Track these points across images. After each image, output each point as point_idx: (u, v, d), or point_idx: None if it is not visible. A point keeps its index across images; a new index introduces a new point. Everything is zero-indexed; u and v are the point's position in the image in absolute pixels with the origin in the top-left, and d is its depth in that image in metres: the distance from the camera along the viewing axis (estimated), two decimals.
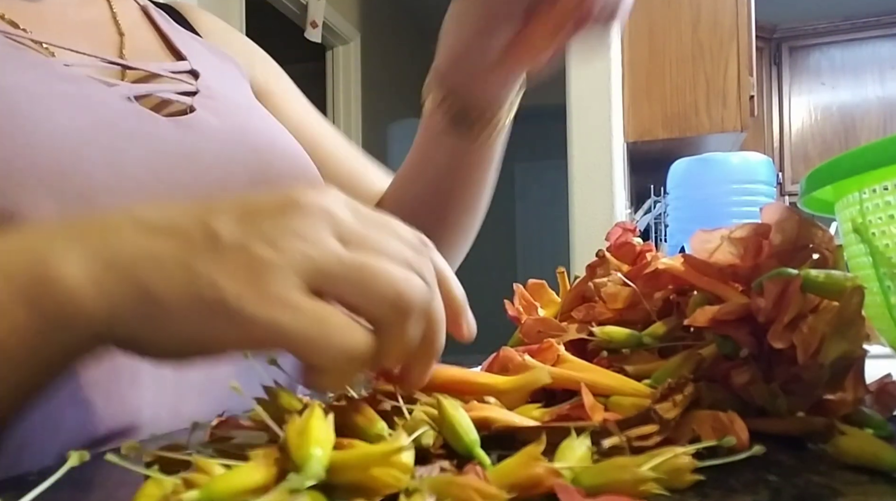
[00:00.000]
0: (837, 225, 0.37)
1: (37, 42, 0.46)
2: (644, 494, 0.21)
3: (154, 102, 0.49)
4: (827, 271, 0.29)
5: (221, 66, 0.59)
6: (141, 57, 0.52)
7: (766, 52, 4.19)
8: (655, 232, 2.52)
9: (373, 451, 0.20)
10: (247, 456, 0.20)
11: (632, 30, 2.53)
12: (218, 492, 0.18)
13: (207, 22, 0.66)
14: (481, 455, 0.23)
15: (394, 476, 0.19)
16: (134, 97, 0.47)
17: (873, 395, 0.31)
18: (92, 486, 0.26)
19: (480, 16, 0.46)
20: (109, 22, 0.54)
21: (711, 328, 0.31)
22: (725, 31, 2.47)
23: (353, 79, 3.74)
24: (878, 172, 0.31)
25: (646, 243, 0.42)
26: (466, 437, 0.23)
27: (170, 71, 0.52)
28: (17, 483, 0.27)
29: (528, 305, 0.44)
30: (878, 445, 0.24)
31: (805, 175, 0.36)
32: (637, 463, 0.21)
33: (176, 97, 0.50)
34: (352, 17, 3.76)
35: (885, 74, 4.12)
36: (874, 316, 0.34)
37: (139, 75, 0.50)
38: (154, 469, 0.22)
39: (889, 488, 0.23)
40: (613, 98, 2.41)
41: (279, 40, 3.23)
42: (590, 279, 0.41)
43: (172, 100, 0.50)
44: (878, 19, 4.12)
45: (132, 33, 0.54)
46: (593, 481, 0.21)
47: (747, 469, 0.25)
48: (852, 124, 4.14)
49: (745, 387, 0.30)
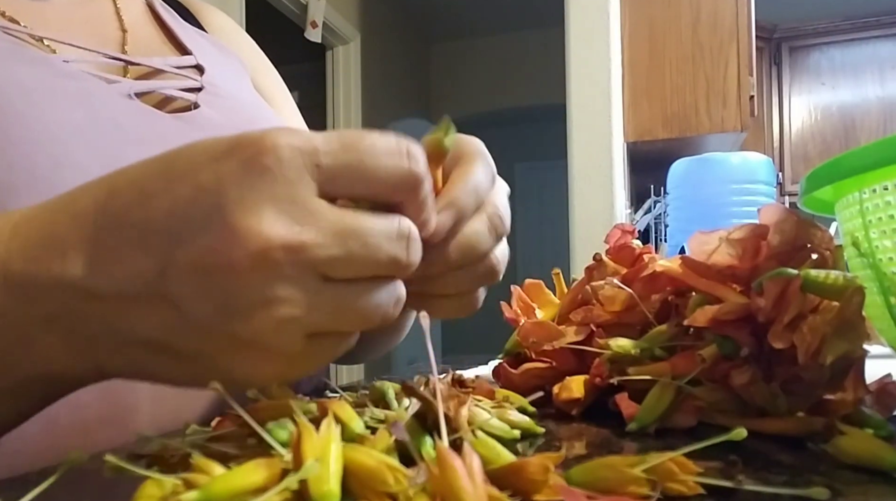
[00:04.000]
0: (837, 225, 0.37)
1: (37, 38, 0.46)
2: (636, 494, 0.21)
3: (157, 98, 0.49)
4: (827, 270, 0.28)
5: (226, 62, 0.59)
6: (144, 53, 0.52)
7: (766, 52, 4.19)
8: (655, 232, 2.52)
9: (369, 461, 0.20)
10: (245, 457, 0.20)
11: (632, 30, 2.53)
12: (218, 492, 0.18)
13: (215, 18, 0.65)
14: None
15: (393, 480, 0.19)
16: (135, 94, 0.46)
17: (873, 395, 0.31)
18: (91, 486, 0.26)
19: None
20: (112, 18, 0.53)
21: (711, 328, 0.31)
22: (725, 31, 2.47)
23: (353, 79, 3.74)
24: (878, 172, 0.31)
25: (645, 244, 0.42)
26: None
27: (174, 66, 0.52)
28: (17, 483, 0.27)
29: (525, 306, 0.44)
30: (878, 445, 0.24)
31: (805, 175, 0.36)
32: (629, 463, 0.21)
33: (179, 94, 0.50)
34: (352, 17, 3.76)
35: (885, 74, 4.12)
36: (874, 316, 0.34)
37: (142, 71, 0.50)
38: (154, 469, 0.22)
39: (889, 488, 0.23)
40: (613, 98, 2.41)
41: (279, 40, 3.23)
42: (587, 283, 0.41)
43: (176, 96, 0.49)
44: (878, 19, 4.12)
45: (136, 29, 0.54)
46: (582, 479, 0.21)
47: (747, 469, 0.25)
48: (852, 124, 4.14)
49: (745, 387, 0.30)
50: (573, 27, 2.43)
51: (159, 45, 0.55)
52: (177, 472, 0.20)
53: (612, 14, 2.42)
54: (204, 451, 0.23)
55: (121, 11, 0.54)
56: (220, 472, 0.19)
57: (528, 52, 5.00)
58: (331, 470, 0.19)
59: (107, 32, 0.52)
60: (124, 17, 0.54)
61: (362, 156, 0.23)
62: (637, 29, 2.53)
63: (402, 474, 0.19)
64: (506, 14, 4.72)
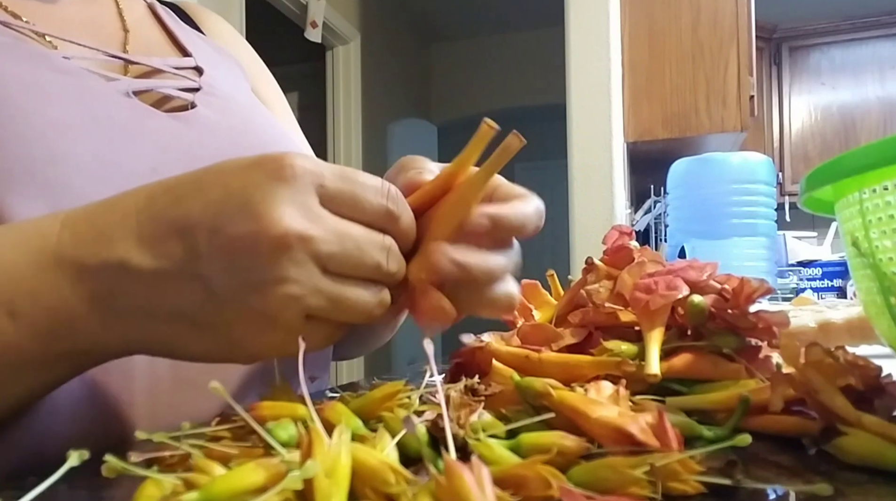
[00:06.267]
0: (837, 225, 0.37)
1: (39, 34, 0.46)
2: (636, 495, 0.21)
3: (155, 97, 0.49)
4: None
5: (225, 64, 0.59)
6: (145, 53, 0.52)
7: (766, 52, 4.19)
8: (655, 232, 2.52)
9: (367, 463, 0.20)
10: (245, 457, 0.20)
11: (632, 30, 2.53)
12: (218, 492, 0.18)
13: (213, 23, 0.66)
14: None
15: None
16: (134, 92, 0.46)
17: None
18: (91, 486, 0.26)
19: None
20: (115, 18, 0.54)
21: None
22: (725, 31, 2.47)
23: (353, 79, 3.74)
24: (878, 172, 0.31)
25: (645, 244, 0.42)
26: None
27: (174, 67, 0.52)
28: (16, 483, 0.27)
29: (522, 307, 0.44)
30: (881, 444, 0.24)
31: (805, 175, 0.36)
32: (630, 464, 0.21)
33: (177, 93, 0.50)
34: (352, 17, 3.76)
35: (885, 74, 4.12)
36: (874, 316, 0.34)
37: (142, 71, 0.50)
38: (154, 469, 0.22)
39: (889, 488, 0.23)
40: (613, 98, 2.41)
41: (279, 40, 3.24)
42: (583, 286, 0.41)
43: (174, 96, 0.50)
44: (878, 19, 4.12)
45: (137, 30, 0.54)
46: (583, 479, 0.21)
47: (747, 468, 0.25)
48: (852, 124, 4.14)
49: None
50: (573, 27, 2.43)
51: (160, 46, 0.55)
52: (177, 472, 0.20)
53: (612, 14, 2.42)
54: (204, 451, 0.23)
55: (123, 12, 0.54)
56: (220, 472, 0.19)
57: (528, 52, 5.00)
58: (341, 487, 0.19)
59: (109, 32, 0.52)
60: (127, 17, 0.54)
61: (355, 188, 0.28)
62: (637, 29, 2.53)
63: (403, 474, 0.19)
64: (506, 14, 4.71)
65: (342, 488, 0.19)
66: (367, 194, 0.28)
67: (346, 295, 0.28)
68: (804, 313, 0.58)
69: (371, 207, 0.29)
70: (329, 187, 0.28)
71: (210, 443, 0.25)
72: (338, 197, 0.28)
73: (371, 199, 0.29)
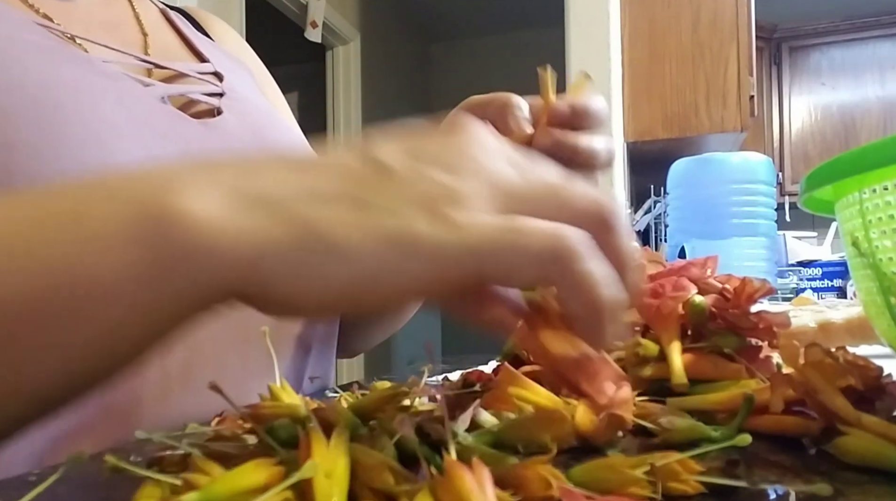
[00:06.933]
0: (837, 225, 0.37)
1: (70, 37, 0.46)
2: (636, 495, 0.21)
3: (182, 101, 0.49)
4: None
5: (238, 69, 0.60)
6: (165, 57, 0.52)
7: (766, 52, 4.19)
8: (655, 232, 2.52)
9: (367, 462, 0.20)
10: (245, 457, 0.20)
11: (632, 30, 2.53)
12: (218, 493, 0.18)
13: (220, 29, 0.66)
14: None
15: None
16: (167, 97, 0.47)
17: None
18: (91, 486, 0.26)
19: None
20: (133, 21, 0.54)
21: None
22: (725, 31, 2.47)
23: (353, 79, 3.74)
24: (878, 172, 0.31)
25: (645, 244, 0.42)
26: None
27: (196, 72, 0.52)
28: (16, 483, 0.27)
29: None
30: (882, 444, 0.24)
31: (805, 175, 0.36)
32: (630, 464, 0.21)
33: (205, 99, 0.50)
34: (352, 17, 3.76)
35: (885, 74, 4.12)
36: (874, 316, 0.34)
37: (166, 75, 0.51)
38: (154, 469, 0.22)
39: (889, 488, 0.23)
40: (613, 98, 2.41)
41: (279, 40, 3.24)
42: None
43: (200, 101, 0.50)
44: (878, 19, 4.12)
45: (155, 33, 0.54)
46: (583, 479, 0.21)
47: (747, 468, 0.25)
48: (852, 124, 4.14)
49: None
50: (573, 27, 2.43)
51: (178, 51, 0.56)
52: (177, 472, 0.20)
53: (612, 14, 2.42)
54: (204, 451, 0.23)
55: (140, 15, 0.55)
56: (220, 472, 0.19)
57: (528, 53, 5.00)
58: (340, 487, 0.19)
59: (129, 35, 0.52)
60: (143, 21, 0.54)
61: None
62: (637, 29, 2.53)
63: (402, 474, 0.19)
64: (506, 14, 4.71)
65: (341, 488, 0.19)
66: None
67: (520, 226, 0.22)
68: (804, 313, 0.58)
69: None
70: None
71: (210, 443, 0.25)
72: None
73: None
